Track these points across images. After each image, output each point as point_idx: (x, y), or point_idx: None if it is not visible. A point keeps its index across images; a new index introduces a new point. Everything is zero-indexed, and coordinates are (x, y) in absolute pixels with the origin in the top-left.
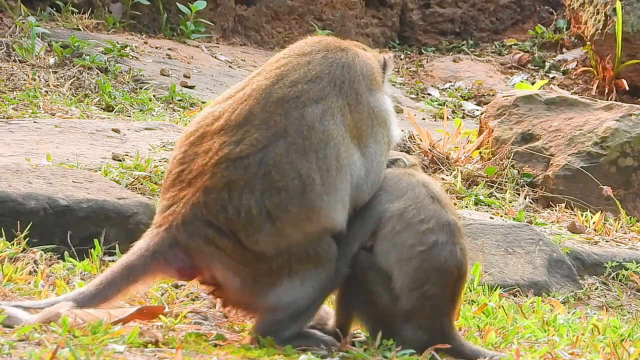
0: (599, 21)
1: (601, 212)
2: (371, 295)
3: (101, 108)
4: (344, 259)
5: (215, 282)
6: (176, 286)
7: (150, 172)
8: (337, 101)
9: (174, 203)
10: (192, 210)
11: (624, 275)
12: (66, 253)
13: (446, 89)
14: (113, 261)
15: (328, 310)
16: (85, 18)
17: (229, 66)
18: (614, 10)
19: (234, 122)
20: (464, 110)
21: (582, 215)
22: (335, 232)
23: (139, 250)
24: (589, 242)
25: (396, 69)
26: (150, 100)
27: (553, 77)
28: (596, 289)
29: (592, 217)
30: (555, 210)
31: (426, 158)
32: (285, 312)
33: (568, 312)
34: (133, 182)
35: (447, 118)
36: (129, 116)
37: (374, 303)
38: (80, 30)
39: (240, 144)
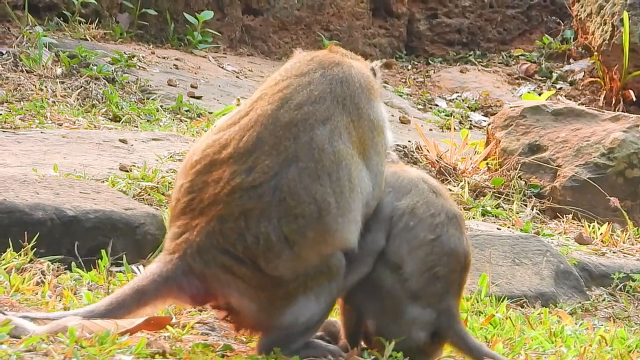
0: (606, 32)
1: (608, 223)
2: (376, 279)
3: (108, 118)
4: (366, 260)
5: (229, 308)
6: None
7: (158, 182)
8: (342, 119)
9: (186, 231)
10: (208, 238)
11: (631, 286)
12: (73, 264)
13: (453, 99)
14: (120, 272)
15: (335, 320)
16: (92, 28)
17: (236, 76)
18: (621, 20)
19: (242, 149)
20: (471, 121)
21: (589, 226)
22: (348, 251)
23: (152, 275)
24: (596, 254)
25: (403, 80)
26: (157, 111)
27: (560, 88)
28: (603, 300)
29: (599, 228)
30: (563, 222)
31: (433, 169)
32: (299, 328)
33: (575, 324)
34: (140, 192)
35: (454, 129)
36: (136, 126)
37: (379, 287)
38: (88, 40)
39: (251, 172)
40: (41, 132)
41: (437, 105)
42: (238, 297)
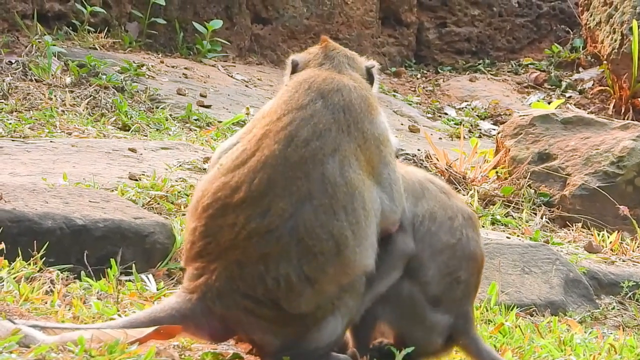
0: (615, 40)
1: (618, 232)
2: (394, 289)
3: (118, 127)
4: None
5: (252, 342)
6: None
7: (167, 191)
8: (350, 146)
9: (204, 273)
10: (228, 283)
11: None
12: (83, 273)
13: (462, 108)
14: (130, 281)
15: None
16: (101, 37)
17: (245, 85)
18: (631, 29)
19: (255, 193)
20: (480, 129)
21: (598, 234)
22: (366, 274)
23: (170, 309)
24: (605, 262)
25: (412, 88)
26: (166, 120)
27: (569, 97)
28: (613, 308)
29: (608, 237)
30: (572, 230)
31: (443, 177)
32: (323, 347)
33: (585, 332)
34: (150, 201)
35: (464, 137)
36: (146, 135)
37: (397, 293)
38: (97, 49)
39: (266, 216)
40: (50, 141)
41: (446, 114)
42: (261, 334)
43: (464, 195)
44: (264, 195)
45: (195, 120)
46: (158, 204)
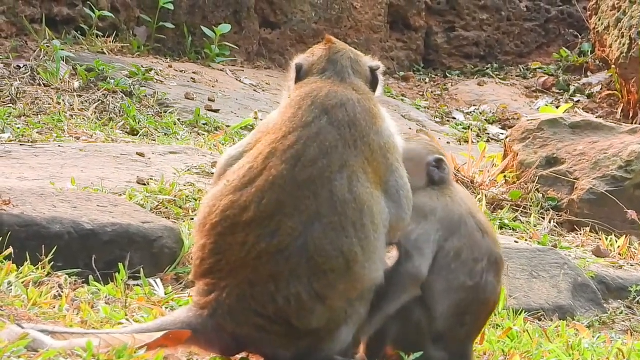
0: (623, 45)
1: (626, 236)
2: (407, 311)
3: (126, 132)
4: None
5: (265, 357)
6: None
7: (175, 196)
8: (357, 161)
9: (215, 290)
10: (239, 301)
11: None
12: (91, 277)
13: (471, 112)
14: (138, 286)
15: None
16: (110, 41)
17: (254, 90)
18: (639, 33)
19: (264, 213)
20: (488, 134)
21: (606, 239)
22: (373, 288)
23: (181, 323)
24: (613, 266)
25: (421, 93)
26: (175, 124)
27: (578, 101)
28: (621, 313)
29: (616, 241)
30: (580, 234)
31: None
32: (335, 354)
33: (593, 337)
34: (158, 206)
35: (472, 142)
36: (154, 140)
37: (408, 319)
38: (105, 53)
39: (276, 235)
40: (59, 146)
41: (454, 118)
42: (273, 349)
43: None
44: (273, 215)
45: (204, 124)
46: (166, 208)
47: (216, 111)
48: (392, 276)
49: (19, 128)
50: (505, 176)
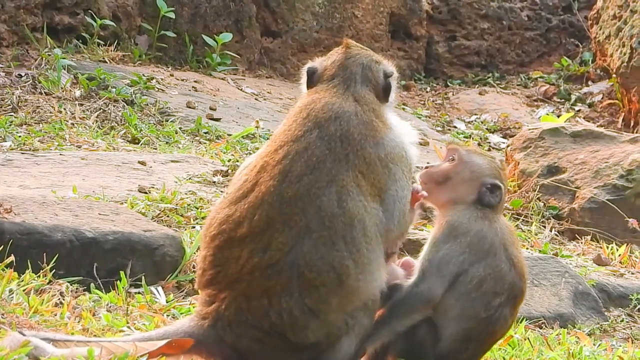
0: (624, 54)
1: (627, 245)
2: (413, 328)
3: (127, 140)
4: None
5: None
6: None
7: (177, 204)
8: (348, 175)
9: (215, 301)
10: (237, 314)
11: None
12: (92, 285)
13: (472, 121)
14: (139, 293)
15: None
16: (111, 50)
17: (255, 98)
18: None
19: (256, 229)
20: (489, 142)
21: (607, 247)
22: (377, 298)
23: (183, 332)
24: (614, 275)
25: (422, 102)
26: (176, 133)
27: (579, 110)
28: (622, 321)
29: (617, 250)
30: (581, 243)
31: None
32: None
33: (594, 344)
34: (159, 214)
35: None
36: (155, 149)
37: (413, 333)
38: (107, 62)
39: (267, 250)
40: (60, 154)
41: (455, 127)
42: None
43: None
44: (264, 231)
45: (205, 133)
46: (167, 216)
47: (217, 120)
48: (406, 294)
49: (20, 136)
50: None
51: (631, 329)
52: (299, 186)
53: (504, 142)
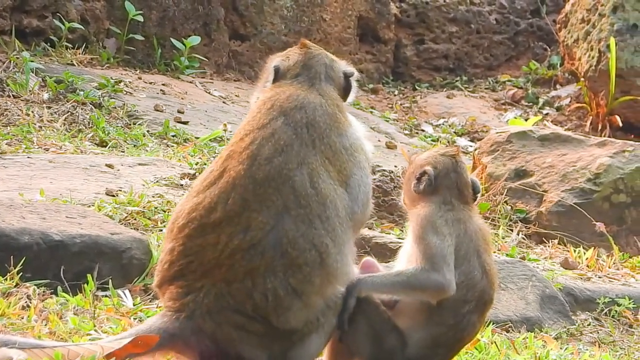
0: (592, 57)
1: (594, 248)
2: (379, 334)
3: (95, 143)
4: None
5: (238, 358)
6: None
7: (144, 207)
8: (317, 159)
9: (191, 292)
10: (217, 300)
11: (616, 311)
12: (59, 288)
13: (440, 125)
14: (106, 296)
15: None
16: (79, 53)
17: (223, 102)
18: (608, 46)
19: (232, 212)
20: (457, 146)
21: (575, 251)
22: (340, 298)
23: (157, 329)
24: (581, 278)
25: (390, 105)
26: (144, 136)
27: (547, 114)
28: (589, 324)
29: (585, 253)
30: (548, 246)
31: None
32: None
33: (560, 348)
34: (126, 217)
35: None
36: (123, 151)
37: (380, 341)
38: (75, 65)
39: (247, 231)
40: (28, 157)
41: (423, 130)
42: (250, 349)
43: None
44: (240, 213)
45: (173, 136)
46: (135, 219)
47: (185, 123)
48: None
49: None
50: None
51: (598, 332)
52: (269, 168)
53: (471, 146)
